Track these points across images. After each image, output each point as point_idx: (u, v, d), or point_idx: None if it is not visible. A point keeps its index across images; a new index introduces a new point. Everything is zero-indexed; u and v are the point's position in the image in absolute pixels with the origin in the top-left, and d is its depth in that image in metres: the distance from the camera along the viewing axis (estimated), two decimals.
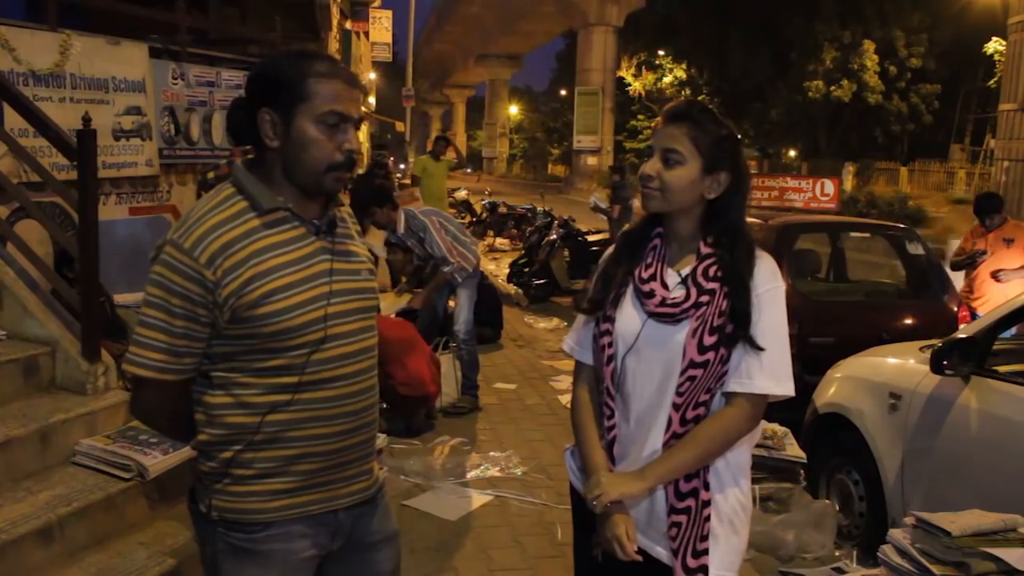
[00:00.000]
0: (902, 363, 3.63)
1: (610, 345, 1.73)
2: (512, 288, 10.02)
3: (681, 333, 1.66)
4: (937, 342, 3.31)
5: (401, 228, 5.26)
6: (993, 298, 5.51)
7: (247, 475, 1.60)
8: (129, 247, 4.88)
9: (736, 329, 1.65)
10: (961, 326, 4.69)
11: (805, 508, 3.62)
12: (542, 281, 9.79)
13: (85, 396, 3.35)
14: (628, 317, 1.73)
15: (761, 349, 1.65)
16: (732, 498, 1.72)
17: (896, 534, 2.25)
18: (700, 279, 1.68)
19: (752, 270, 1.69)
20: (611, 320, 1.74)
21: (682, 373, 1.66)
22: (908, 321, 5.32)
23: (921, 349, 3.53)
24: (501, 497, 4.15)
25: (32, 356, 3.37)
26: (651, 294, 1.70)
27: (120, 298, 4.45)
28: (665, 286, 1.71)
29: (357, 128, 1.63)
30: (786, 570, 3.38)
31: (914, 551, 2.15)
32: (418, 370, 4.96)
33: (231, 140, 4.05)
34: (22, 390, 3.31)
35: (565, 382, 6.31)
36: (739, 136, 1.76)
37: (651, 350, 1.70)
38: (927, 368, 3.24)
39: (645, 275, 1.73)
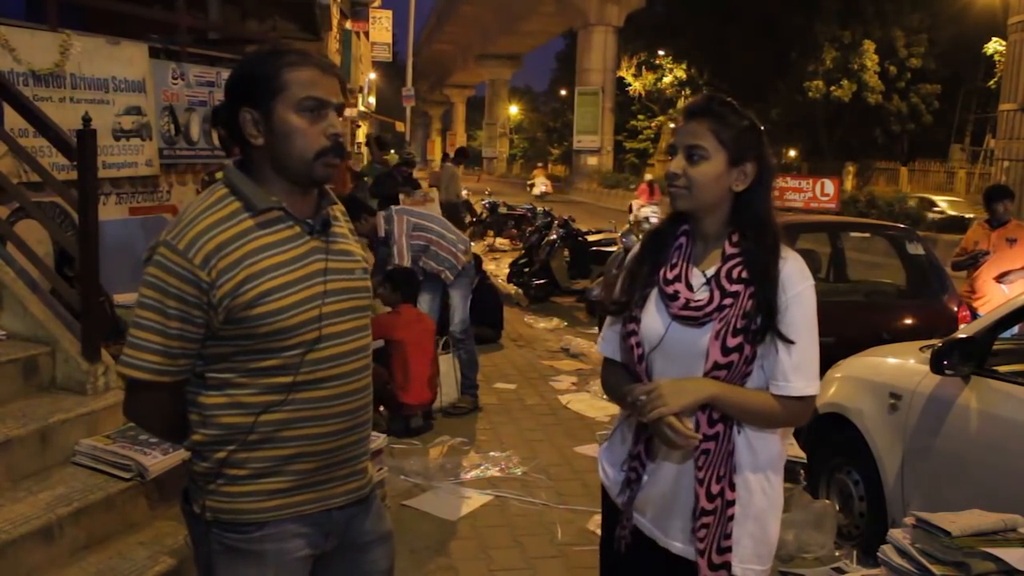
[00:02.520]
0: (902, 363, 3.62)
1: (638, 345, 1.74)
2: (512, 288, 10.02)
3: (705, 336, 1.67)
4: (937, 342, 3.30)
5: (381, 232, 5.35)
6: (995, 298, 5.49)
7: (241, 475, 1.59)
8: (129, 247, 4.87)
9: (763, 323, 1.65)
10: (961, 326, 4.69)
11: (805, 508, 3.62)
12: (542, 281, 9.79)
13: (85, 396, 3.35)
14: (652, 319, 1.73)
15: (791, 342, 1.65)
16: (759, 495, 1.73)
17: (896, 534, 2.25)
18: (724, 281, 1.68)
19: (778, 261, 1.69)
20: (636, 321, 1.75)
21: (706, 375, 1.66)
22: (908, 321, 5.32)
23: (921, 349, 3.52)
24: (501, 497, 4.15)
25: (32, 356, 3.36)
26: (675, 296, 1.70)
27: (120, 298, 4.45)
28: (690, 287, 1.71)
29: (339, 114, 1.63)
30: (786, 570, 3.38)
31: (914, 551, 2.14)
32: (419, 375, 4.98)
33: (229, 141, 4.06)
34: (22, 390, 3.30)
35: (565, 382, 6.31)
36: (762, 126, 1.75)
37: (676, 352, 1.70)
38: (927, 368, 3.24)
39: (670, 276, 1.73)
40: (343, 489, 1.69)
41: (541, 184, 28.57)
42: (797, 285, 1.68)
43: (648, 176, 21.22)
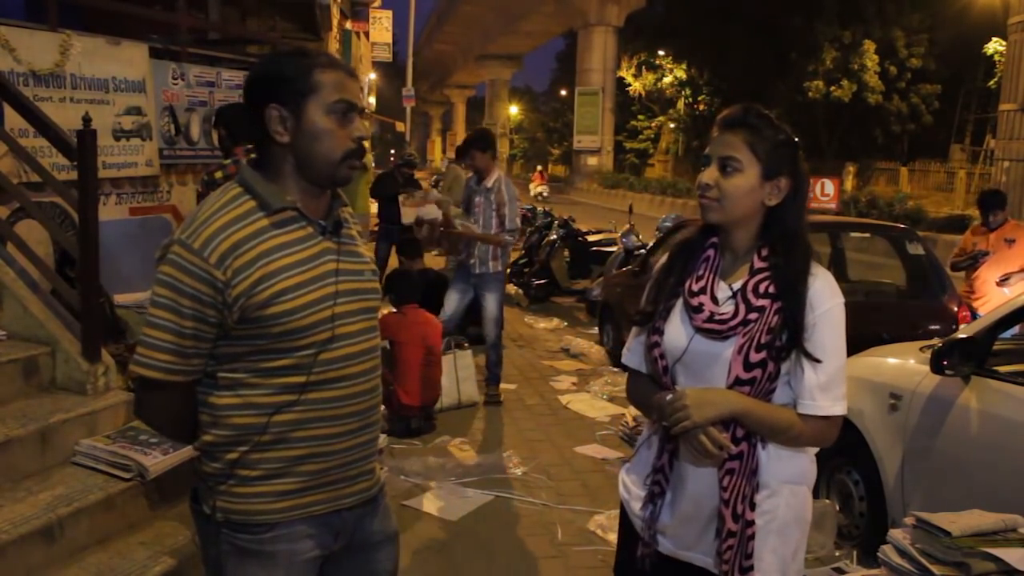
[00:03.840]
0: (902, 363, 3.62)
1: (661, 357, 1.73)
2: (512, 288, 10.02)
3: (728, 350, 1.65)
4: (937, 342, 3.30)
5: (490, 182, 5.49)
6: (994, 298, 5.50)
7: (252, 476, 1.60)
8: (129, 247, 4.87)
9: (789, 340, 1.63)
10: (961, 326, 4.68)
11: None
12: (542, 281, 9.79)
13: (85, 396, 3.35)
14: (676, 331, 1.71)
15: (818, 361, 1.63)
16: (783, 509, 1.71)
17: (896, 534, 2.25)
18: (750, 295, 1.66)
19: (807, 278, 1.67)
20: (660, 332, 1.73)
21: (728, 389, 1.65)
22: (908, 321, 5.32)
23: (921, 349, 3.52)
24: (501, 497, 4.15)
25: (32, 356, 3.37)
26: (699, 308, 1.68)
27: (120, 298, 4.45)
28: (715, 300, 1.69)
29: (362, 117, 1.65)
30: None
31: (914, 551, 2.15)
32: (421, 376, 4.99)
33: (228, 141, 4.06)
34: (22, 390, 3.31)
35: (565, 382, 6.32)
36: (796, 140, 1.73)
37: (699, 365, 1.69)
38: (927, 368, 3.24)
39: (695, 288, 1.71)
40: (353, 489, 1.70)
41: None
42: (826, 303, 1.67)
43: (539, 167, 31.67)
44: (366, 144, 1.75)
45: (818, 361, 1.64)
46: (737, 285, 1.69)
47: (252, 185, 1.60)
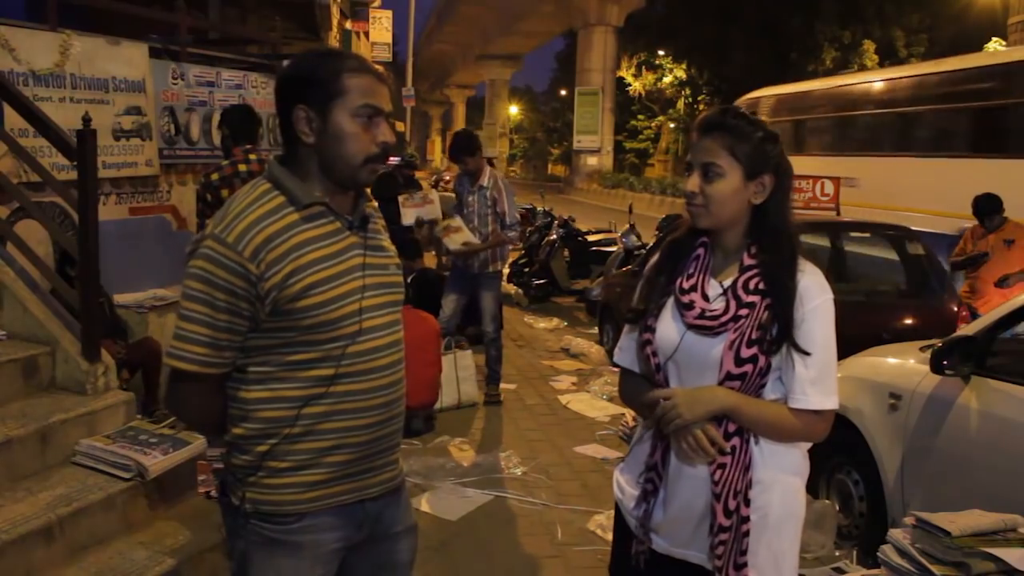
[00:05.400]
0: (902, 363, 3.63)
1: (654, 355, 1.74)
2: (512, 288, 10.02)
3: (719, 346, 1.66)
4: (937, 342, 3.31)
5: (484, 180, 5.51)
6: (994, 298, 5.50)
7: (282, 467, 1.62)
8: (129, 247, 4.88)
9: (779, 334, 1.64)
10: (961, 326, 4.68)
11: (805, 508, 3.61)
12: (542, 281, 9.79)
13: (85, 396, 3.35)
14: (667, 328, 1.72)
15: (807, 354, 1.64)
16: (777, 506, 1.71)
17: (896, 534, 2.25)
18: (740, 292, 1.67)
19: (795, 274, 1.67)
20: (652, 331, 1.74)
21: (719, 384, 1.66)
22: (908, 321, 5.32)
23: (921, 349, 3.52)
24: (501, 497, 4.15)
25: (32, 356, 3.36)
26: (690, 306, 1.69)
27: (120, 298, 4.46)
28: (706, 297, 1.70)
29: (387, 121, 1.67)
30: None
31: (914, 551, 2.15)
32: (421, 376, 4.98)
33: (229, 142, 4.07)
34: (22, 390, 3.30)
35: (565, 382, 6.32)
36: (777, 134, 1.73)
37: (691, 361, 1.70)
38: (927, 368, 3.24)
39: (686, 286, 1.72)
40: (378, 479, 1.72)
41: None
42: (815, 298, 1.67)
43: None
44: None
45: (807, 354, 1.64)
46: (728, 282, 1.71)
47: (281, 180, 1.62)
